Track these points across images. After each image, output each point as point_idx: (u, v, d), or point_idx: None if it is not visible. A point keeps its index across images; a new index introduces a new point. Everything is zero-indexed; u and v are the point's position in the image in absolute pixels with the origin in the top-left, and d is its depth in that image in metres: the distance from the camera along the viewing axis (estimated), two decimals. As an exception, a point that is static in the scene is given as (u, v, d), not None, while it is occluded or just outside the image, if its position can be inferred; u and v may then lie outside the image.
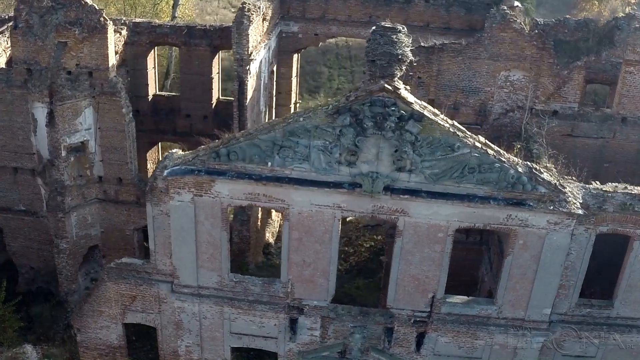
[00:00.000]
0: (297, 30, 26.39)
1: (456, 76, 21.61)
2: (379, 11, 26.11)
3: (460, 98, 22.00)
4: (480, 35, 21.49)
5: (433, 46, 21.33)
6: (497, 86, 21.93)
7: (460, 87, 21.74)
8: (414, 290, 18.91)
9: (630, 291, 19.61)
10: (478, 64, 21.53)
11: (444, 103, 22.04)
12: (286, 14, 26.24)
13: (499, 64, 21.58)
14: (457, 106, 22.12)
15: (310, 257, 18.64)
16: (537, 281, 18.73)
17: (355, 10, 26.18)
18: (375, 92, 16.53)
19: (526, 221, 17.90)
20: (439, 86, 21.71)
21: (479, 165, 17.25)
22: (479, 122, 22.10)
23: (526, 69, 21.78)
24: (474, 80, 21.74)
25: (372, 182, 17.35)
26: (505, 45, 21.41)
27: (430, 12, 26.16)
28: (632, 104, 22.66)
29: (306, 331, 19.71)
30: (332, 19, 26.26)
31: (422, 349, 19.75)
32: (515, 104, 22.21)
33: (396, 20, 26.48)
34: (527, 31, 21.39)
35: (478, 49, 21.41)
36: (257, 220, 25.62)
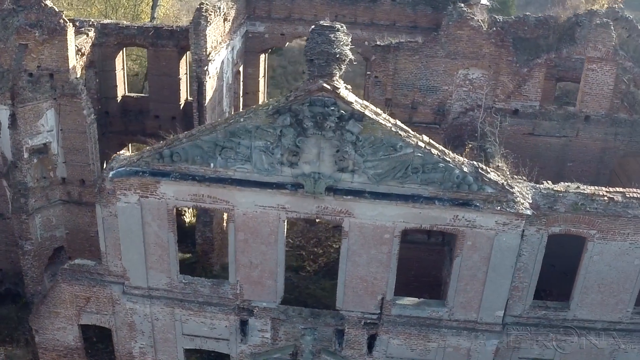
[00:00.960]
0: (264, 30, 26.32)
1: (413, 75, 21.36)
2: (344, 10, 25.95)
3: (418, 97, 21.75)
4: (436, 34, 21.22)
5: (389, 45, 21.10)
6: (455, 85, 21.65)
7: (417, 86, 21.48)
8: (363, 292, 18.71)
9: (587, 293, 19.22)
10: (435, 62, 21.26)
11: (401, 102, 21.84)
12: (252, 14, 26.19)
13: (456, 62, 21.29)
14: (415, 105, 21.88)
15: (258, 259, 18.53)
16: (488, 283, 18.42)
17: (321, 9, 26.05)
18: (314, 91, 16.38)
19: (474, 222, 17.61)
20: (396, 85, 21.47)
21: (422, 165, 17.01)
22: (437, 122, 21.83)
23: (485, 67, 21.47)
24: (431, 79, 21.47)
25: (314, 182, 17.19)
26: (463, 43, 21.12)
27: (396, 11, 25.94)
28: (595, 102, 22.24)
29: (257, 333, 19.60)
30: (298, 18, 26.15)
31: (374, 351, 19.53)
32: (475, 102, 21.90)
33: (362, 20, 26.71)
34: (485, 29, 21.08)
35: (435, 47, 21.14)
36: (222, 221, 25.58)
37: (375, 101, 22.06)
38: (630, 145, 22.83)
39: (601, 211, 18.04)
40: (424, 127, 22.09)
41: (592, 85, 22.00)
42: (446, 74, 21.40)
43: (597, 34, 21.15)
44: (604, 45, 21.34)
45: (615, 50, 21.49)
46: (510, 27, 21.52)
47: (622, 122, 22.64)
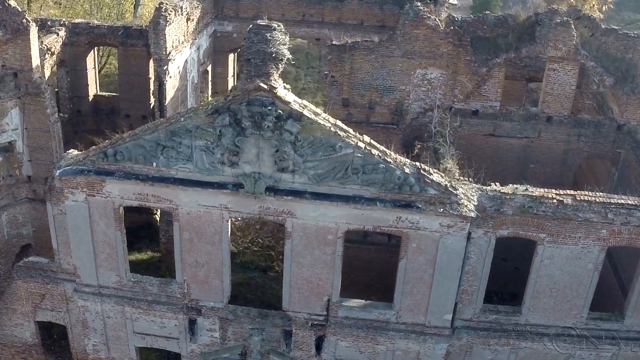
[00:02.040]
0: (232, 29, 26.33)
1: (370, 75, 21.15)
2: (312, 10, 25.85)
3: (375, 97, 21.53)
4: (393, 33, 21.00)
5: (345, 44, 20.93)
6: (413, 85, 21.40)
7: (374, 85, 21.27)
8: (309, 293, 18.59)
9: (539, 297, 18.88)
10: (392, 62, 21.03)
11: (358, 102, 21.66)
12: (220, 13, 26.22)
13: (413, 61, 21.03)
14: (372, 105, 21.67)
15: (203, 258, 18.53)
16: (435, 285, 18.18)
17: (288, 9, 25.98)
18: (251, 91, 16.30)
19: (417, 224, 17.39)
20: (352, 85, 21.28)
21: (363, 165, 16.84)
22: (395, 122, 21.60)
23: (443, 66, 21.17)
24: (388, 78, 21.24)
25: (254, 182, 17.12)
26: (419, 42, 20.85)
27: (364, 10, 25.77)
28: (557, 102, 21.80)
29: (206, 332, 19.60)
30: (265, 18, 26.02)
31: (322, 353, 19.41)
32: (434, 103, 21.62)
33: (330, 19, 26.58)
34: (443, 28, 20.79)
35: (391, 46, 20.91)
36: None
37: (332, 101, 22.04)
38: (594, 146, 22.35)
39: (550, 214, 17.70)
40: (381, 127, 21.96)
41: (553, 86, 21.56)
42: (403, 74, 21.15)
43: (558, 33, 20.71)
44: (564, 44, 20.89)
45: (577, 49, 21.03)
46: (469, 26, 21.17)
47: (586, 123, 22.17)
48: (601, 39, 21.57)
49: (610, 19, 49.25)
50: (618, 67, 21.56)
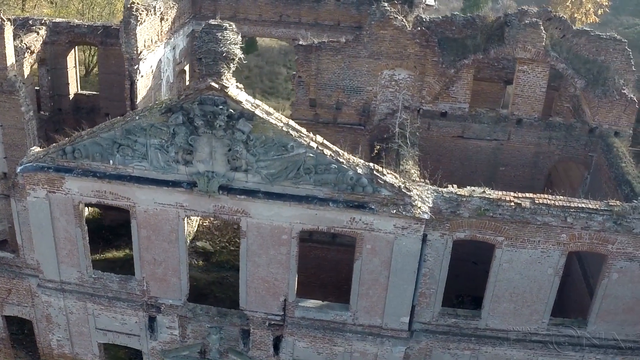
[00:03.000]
0: (209, 29, 26.38)
1: (336, 75, 21.08)
2: (289, 10, 25.87)
3: (342, 98, 21.45)
4: (359, 33, 20.91)
5: (311, 44, 20.89)
6: (380, 85, 21.28)
7: (341, 86, 21.20)
8: (265, 292, 18.58)
9: (498, 302, 18.62)
10: (358, 62, 20.93)
11: (325, 103, 21.61)
12: (198, 13, 26.36)
13: (379, 62, 20.91)
14: (339, 106, 21.59)
15: (161, 256, 18.61)
16: (391, 288, 18.05)
17: (265, 9, 26.04)
18: (202, 90, 16.34)
19: (371, 225, 17.29)
20: (319, 85, 21.23)
21: (315, 165, 16.79)
22: (362, 123, 21.49)
23: (410, 67, 21.02)
24: (354, 79, 21.14)
25: (208, 181, 17.16)
26: (386, 43, 20.73)
27: (340, 11, 25.71)
28: (527, 104, 21.51)
29: (166, 330, 19.68)
30: (243, 18, 26.21)
31: (280, 353, 19.39)
32: (402, 103, 21.48)
33: (307, 20, 26.57)
34: (410, 28, 20.65)
35: (357, 47, 20.82)
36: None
37: (299, 101, 22.03)
38: (565, 149, 22.01)
39: (508, 217, 17.46)
40: (348, 128, 21.89)
41: (523, 88, 21.28)
42: (370, 75, 21.05)
43: (526, 34, 20.44)
44: (533, 45, 20.61)
45: (546, 51, 20.74)
46: (438, 27, 20.97)
47: (557, 126, 21.84)
48: (572, 40, 21.25)
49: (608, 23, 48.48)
50: (589, 69, 21.22)
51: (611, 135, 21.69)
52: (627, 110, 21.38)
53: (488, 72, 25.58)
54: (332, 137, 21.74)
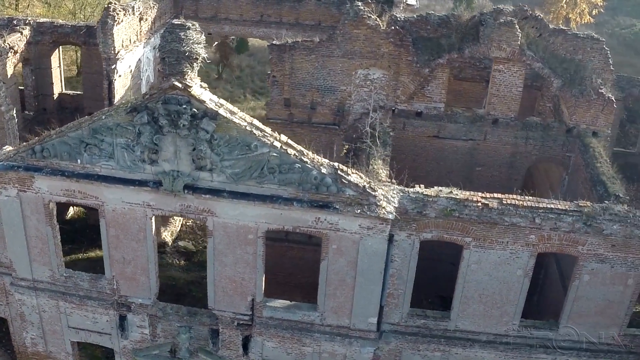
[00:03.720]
0: (191, 29, 26.45)
1: (310, 75, 21.01)
2: (269, 10, 25.86)
3: (316, 97, 21.38)
4: (333, 33, 20.82)
5: (285, 44, 20.84)
6: (355, 85, 21.17)
7: (315, 86, 21.13)
8: (233, 292, 18.56)
9: (467, 303, 18.47)
10: (332, 62, 20.85)
11: (300, 102, 21.55)
12: (180, 13, 26.41)
13: (353, 62, 20.81)
14: (314, 106, 21.52)
15: (130, 255, 18.66)
16: (357, 288, 17.95)
17: (246, 9, 26.05)
18: (166, 89, 16.34)
19: (336, 225, 17.20)
20: (293, 85, 21.17)
21: (279, 165, 16.74)
22: (337, 122, 21.40)
23: (384, 67, 20.90)
24: (328, 79, 21.06)
25: (173, 180, 17.16)
26: (360, 42, 20.62)
27: (321, 11, 25.64)
28: (504, 104, 21.31)
29: (136, 329, 19.74)
30: (224, 18, 26.25)
31: (249, 353, 19.36)
32: (377, 103, 21.36)
33: (288, 19, 26.53)
34: (384, 28, 20.53)
35: (331, 46, 20.74)
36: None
37: (274, 101, 21.99)
38: (542, 150, 21.79)
39: (475, 218, 17.30)
40: (323, 128, 21.83)
41: (499, 87, 21.07)
42: (344, 74, 20.95)
43: (501, 33, 20.25)
44: (508, 44, 20.40)
45: (522, 50, 20.53)
46: (412, 26, 20.81)
47: (534, 126, 21.62)
48: (549, 39, 21.02)
49: (605, 23, 47.96)
50: (566, 68, 20.98)
51: (589, 135, 21.43)
52: (604, 110, 21.10)
53: (470, 71, 25.39)
54: (307, 137, 21.77)
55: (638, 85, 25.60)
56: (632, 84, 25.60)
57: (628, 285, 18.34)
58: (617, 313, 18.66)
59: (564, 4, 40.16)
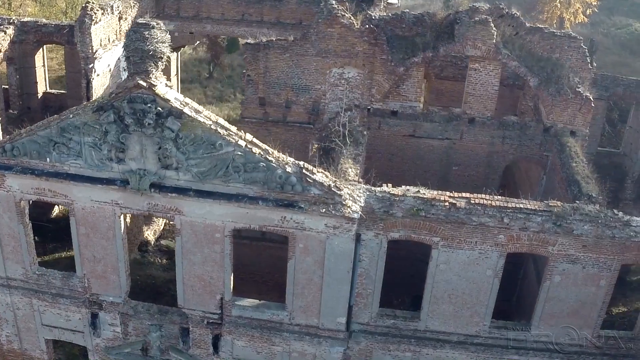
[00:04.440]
0: (173, 28, 26.47)
1: (285, 74, 20.93)
2: (251, 9, 25.83)
3: (291, 96, 21.30)
4: (307, 31, 20.73)
5: (259, 43, 20.78)
6: (329, 84, 21.05)
7: (289, 84, 21.04)
8: (202, 291, 18.55)
9: (437, 303, 18.33)
10: (306, 60, 20.75)
11: (274, 101, 21.49)
12: (161, 12, 26.45)
13: (327, 60, 20.70)
14: (288, 104, 21.45)
15: (100, 253, 18.71)
16: (325, 287, 17.88)
17: (228, 8, 26.02)
18: (131, 88, 16.36)
19: (302, 224, 17.14)
20: (267, 84, 21.10)
21: (244, 164, 16.70)
22: (312, 121, 21.31)
23: (359, 65, 20.78)
24: (303, 77, 20.96)
25: (140, 179, 17.18)
26: (334, 41, 20.50)
27: (302, 10, 25.54)
28: (480, 103, 21.11)
29: (108, 327, 19.79)
30: (205, 17, 26.24)
31: (220, 352, 19.35)
32: (352, 102, 21.26)
33: (269, 18, 26.48)
34: (358, 26, 20.41)
35: (305, 45, 20.63)
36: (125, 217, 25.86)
37: (249, 100, 21.95)
38: (520, 149, 21.57)
39: (442, 217, 17.17)
40: (298, 127, 21.75)
41: (475, 86, 20.89)
42: (318, 73, 20.85)
43: (476, 31, 20.05)
44: (483, 43, 20.21)
45: (497, 48, 20.32)
46: (387, 24, 20.65)
47: (510, 125, 21.41)
48: (526, 37, 20.79)
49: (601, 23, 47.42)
50: (543, 67, 20.75)
51: (566, 134, 21.17)
52: (582, 109, 20.85)
53: (451, 70, 25.21)
54: (282, 136, 21.78)
55: (622, 84, 25.30)
56: (616, 83, 25.29)
57: (600, 287, 18.14)
58: (590, 314, 18.46)
59: (558, 3, 39.77)
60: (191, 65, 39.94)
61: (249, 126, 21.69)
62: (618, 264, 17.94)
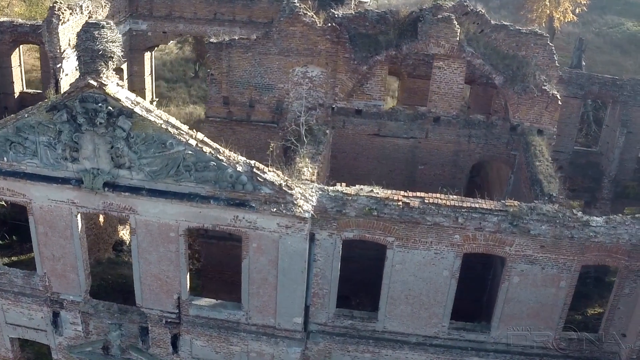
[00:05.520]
0: (146, 28, 26.56)
1: (247, 73, 20.83)
2: (223, 8, 25.79)
3: (254, 95, 21.20)
4: (269, 30, 20.62)
5: (221, 42, 20.71)
6: (293, 83, 20.94)
7: (252, 84, 20.93)
8: (159, 290, 18.53)
9: (394, 304, 18.16)
10: (269, 59, 20.65)
11: (238, 100, 21.41)
12: (135, 12, 26.49)
13: (290, 59, 20.58)
14: (252, 104, 21.35)
15: (58, 252, 18.76)
16: (280, 287, 17.78)
17: (200, 7, 26.02)
18: (83, 88, 16.38)
19: (255, 223, 17.06)
20: (231, 83, 21.01)
21: (195, 163, 16.66)
22: (275, 120, 21.20)
23: (322, 64, 20.63)
24: (266, 76, 20.85)
25: (93, 178, 17.20)
26: (296, 39, 20.37)
27: (274, 9, 25.38)
28: (445, 101, 20.88)
29: (70, 325, 19.83)
30: (178, 16, 26.24)
31: (179, 351, 19.32)
32: (316, 101, 21.13)
33: (241, 17, 26.43)
34: (320, 24, 20.28)
35: (267, 44, 20.52)
36: (98, 216, 26.04)
37: (212, 99, 21.90)
38: (486, 148, 21.30)
39: (396, 217, 17.00)
40: (262, 126, 21.65)
41: (440, 84, 20.65)
42: (281, 72, 20.73)
43: (439, 29, 19.83)
44: (447, 41, 19.98)
45: (461, 46, 20.09)
46: (350, 22, 20.46)
47: (476, 124, 21.15)
48: (491, 35, 20.51)
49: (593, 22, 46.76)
50: (508, 64, 20.47)
51: (533, 133, 20.89)
52: (549, 107, 20.55)
53: (424, 69, 24.95)
54: (246, 135, 21.75)
55: (597, 83, 24.90)
56: (591, 82, 24.90)
57: (561, 288, 17.87)
58: (550, 316, 18.21)
59: (547, 2, 39.25)
60: (177, 64, 40.08)
61: (213, 125, 21.70)
62: (578, 264, 17.67)
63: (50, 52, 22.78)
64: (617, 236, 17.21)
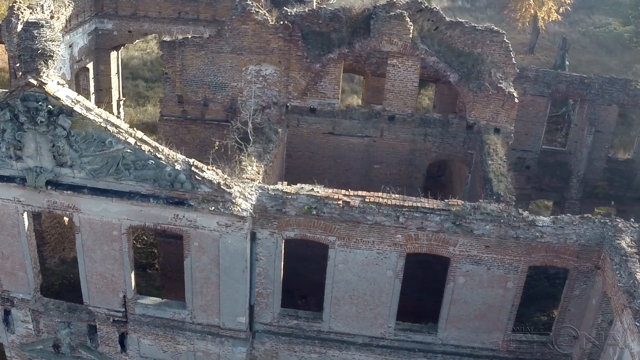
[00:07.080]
0: (112, 27, 26.63)
1: (201, 71, 20.77)
2: (187, 7, 25.81)
3: (208, 94, 21.13)
4: (221, 28, 20.54)
5: (174, 40, 20.67)
6: (246, 81, 20.84)
7: (206, 82, 20.87)
8: (105, 288, 18.53)
9: (339, 304, 17.99)
10: (221, 58, 20.56)
11: (192, 99, 21.36)
12: (100, 11, 26.57)
13: (242, 57, 20.48)
14: (206, 102, 21.28)
15: (7, 250, 18.81)
16: (223, 287, 17.70)
17: (165, 7, 26.05)
18: (23, 87, 16.41)
19: (195, 222, 17.00)
20: (184, 82, 20.97)
21: (134, 162, 16.64)
22: (229, 119, 21.09)
23: (275, 62, 20.51)
24: (219, 75, 20.77)
25: (36, 176, 17.22)
26: (248, 38, 20.28)
27: (238, 7, 25.30)
28: (399, 100, 20.67)
29: (21, 323, 19.88)
30: (143, 15, 26.29)
31: (127, 350, 19.31)
32: (270, 100, 21.01)
33: (205, 16, 26.38)
34: (272, 22, 20.16)
35: (220, 42, 20.44)
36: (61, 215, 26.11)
37: (167, 97, 21.87)
38: (442, 147, 21.04)
39: (337, 216, 16.83)
40: (216, 125, 21.57)
41: (394, 82, 20.45)
42: (234, 70, 20.64)
43: (392, 26, 19.63)
44: (400, 38, 19.77)
45: (415, 43, 19.86)
46: (304, 20, 20.29)
47: (432, 122, 20.90)
48: (446, 32, 20.26)
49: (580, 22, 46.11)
50: (463, 62, 20.21)
51: (490, 131, 20.60)
52: (505, 105, 20.25)
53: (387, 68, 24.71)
54: (201, 134, 21.71)
55: (564, 81, 24.50)
56: (558, 80, 24.50)
57: (508, 289, 17.60)
58: (499, 317, 17.93)
59: (531, 1, 38.74)
60: (157, 64, 40.16)
61: (168, 124, 21.69)
62: (525, 265, 17.39)
63: (10, 52, 22.91)
64: (565, 236, 16.92)
